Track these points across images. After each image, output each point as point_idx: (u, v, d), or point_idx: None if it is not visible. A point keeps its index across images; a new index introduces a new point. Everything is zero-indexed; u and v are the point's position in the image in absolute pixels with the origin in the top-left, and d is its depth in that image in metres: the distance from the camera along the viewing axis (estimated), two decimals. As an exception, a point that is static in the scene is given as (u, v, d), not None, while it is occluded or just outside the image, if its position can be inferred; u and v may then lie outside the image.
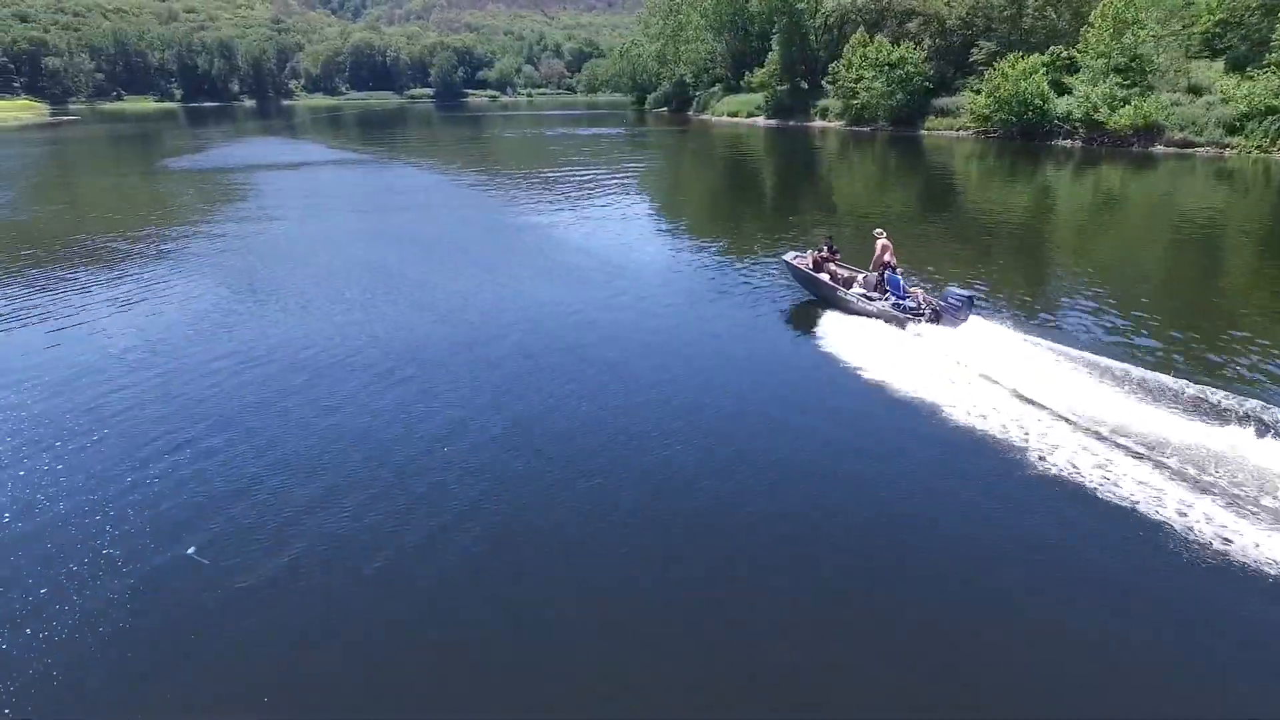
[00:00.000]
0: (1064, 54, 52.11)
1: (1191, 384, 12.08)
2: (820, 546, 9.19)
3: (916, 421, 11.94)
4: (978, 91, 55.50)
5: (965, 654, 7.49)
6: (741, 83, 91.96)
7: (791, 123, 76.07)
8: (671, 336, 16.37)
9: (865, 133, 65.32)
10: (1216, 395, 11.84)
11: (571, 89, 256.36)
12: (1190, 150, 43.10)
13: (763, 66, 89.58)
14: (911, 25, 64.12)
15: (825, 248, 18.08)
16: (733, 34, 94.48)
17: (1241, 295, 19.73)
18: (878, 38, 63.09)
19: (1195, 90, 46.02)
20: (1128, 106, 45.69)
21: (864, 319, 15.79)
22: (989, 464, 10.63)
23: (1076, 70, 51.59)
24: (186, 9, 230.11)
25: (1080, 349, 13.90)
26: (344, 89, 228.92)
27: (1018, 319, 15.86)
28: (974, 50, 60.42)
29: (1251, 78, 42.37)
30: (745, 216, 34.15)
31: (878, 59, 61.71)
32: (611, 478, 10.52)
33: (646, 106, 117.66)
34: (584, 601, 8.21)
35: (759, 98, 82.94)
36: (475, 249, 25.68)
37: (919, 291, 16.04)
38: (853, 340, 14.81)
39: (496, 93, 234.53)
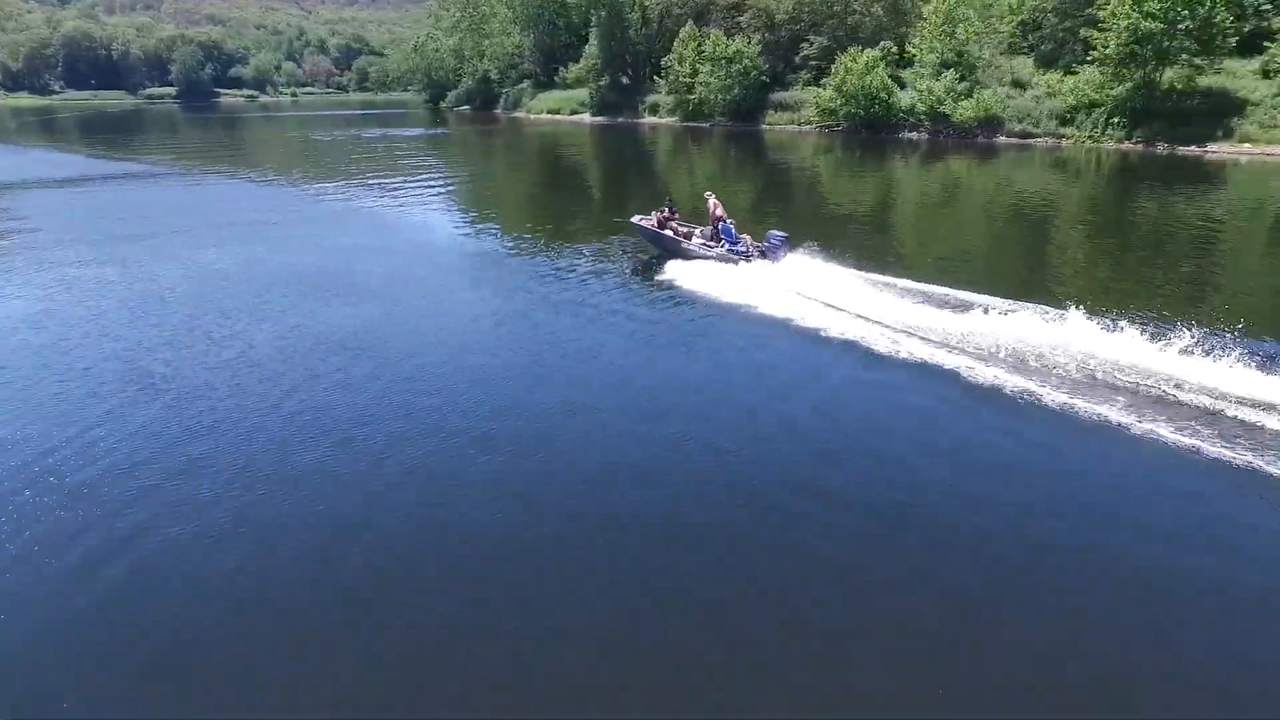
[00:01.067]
0: (893, 49, 53.49)
1: (951, 289, 16.43)
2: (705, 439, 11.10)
3: (758, 330, 15.46)
4: (821, 85, 55.61)
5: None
6: (556, 79, 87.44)
7: (620, 120, 72.83)
8: (556, 302, 17.64)
9: (703, 129, 63.62)
10: (967, 295, 16.05)
11: (342, 88, 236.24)
12: (1030, 141, 45.47)
13: (578, 62, 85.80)
14: (742, 19, 63.36)
15: (667, 209, 20.70)
16: (540, 28, 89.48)
17: (1020, 244, 24.67)
18: (711, 31, 61.58)
19: (1019, 84, 48.84)
20: (969, 100, 47.46)
21: (707, 263, 18.68)
22: (814, 353, 14.29)
23: (909, 65, 53.18)
24: None
25: (881, 274, 17.65)
26: (57, 87, 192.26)
27: (831, 255, 18.66)
28: (804, 45, 60.84)
29: (1075, 73, 45.54)
30: (588, 208, 33.85)
31: (714, 53, 60.12)
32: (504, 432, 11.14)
33: (445, 105, 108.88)
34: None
35: (582, 94, 78.84)
36: (346, 277, 19.81)
37: (747, 237, 19.10)
38: (701, 280, 17.87)
39: (255, 92, 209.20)
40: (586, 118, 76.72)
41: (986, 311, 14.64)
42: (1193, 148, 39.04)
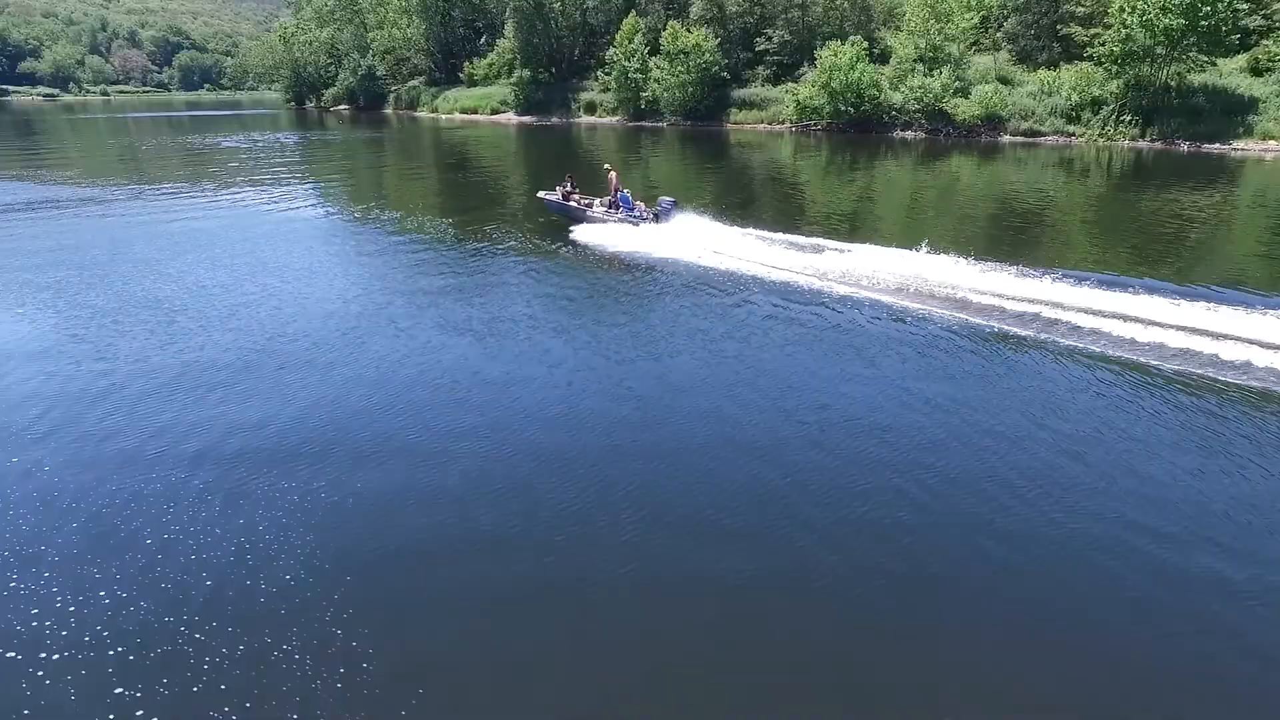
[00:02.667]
0: (864, 44, 50.46)
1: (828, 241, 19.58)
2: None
3: (659, 270, 18.42)
4: (793, 80, 51.66)
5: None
6: (460, 75, 78.50)
7: (554, 119, 65.56)
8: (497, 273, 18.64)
9: (657, 128, 58.06)
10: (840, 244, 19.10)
11: (163, 85, 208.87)
12: (1036, 140, 43.61)
13: (482, 56, 77.58)
14: (692, 9, 58.30)
15: (569, 184, 22.48)
16: (436, 19, 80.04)
17: (1002, 225, 24.50)
18: (671, 22, 56.13)
19: (1005, 81, 47.12)
20: (967, 98, 45.11)
21: (610, 226, 20.74)
22: (699, 285, 17.04)
23: (882, 61, 50.33)
24: None
25: (763, 229, 20.89)
26: None
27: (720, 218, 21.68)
28: (759, 40, 56.76)
29: (1057, 69, 44.33)
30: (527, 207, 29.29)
31: (672, 47, 54.72)
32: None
33: (323, 104, 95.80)
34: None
35: (504, 91, 70.65)
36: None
37: (641, 204, 21.18)
38: (609, 239, 20.27)
39: (55, 90, 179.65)
40: (512, 117, 68.62)
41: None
42: (1216, 145, 38.39)
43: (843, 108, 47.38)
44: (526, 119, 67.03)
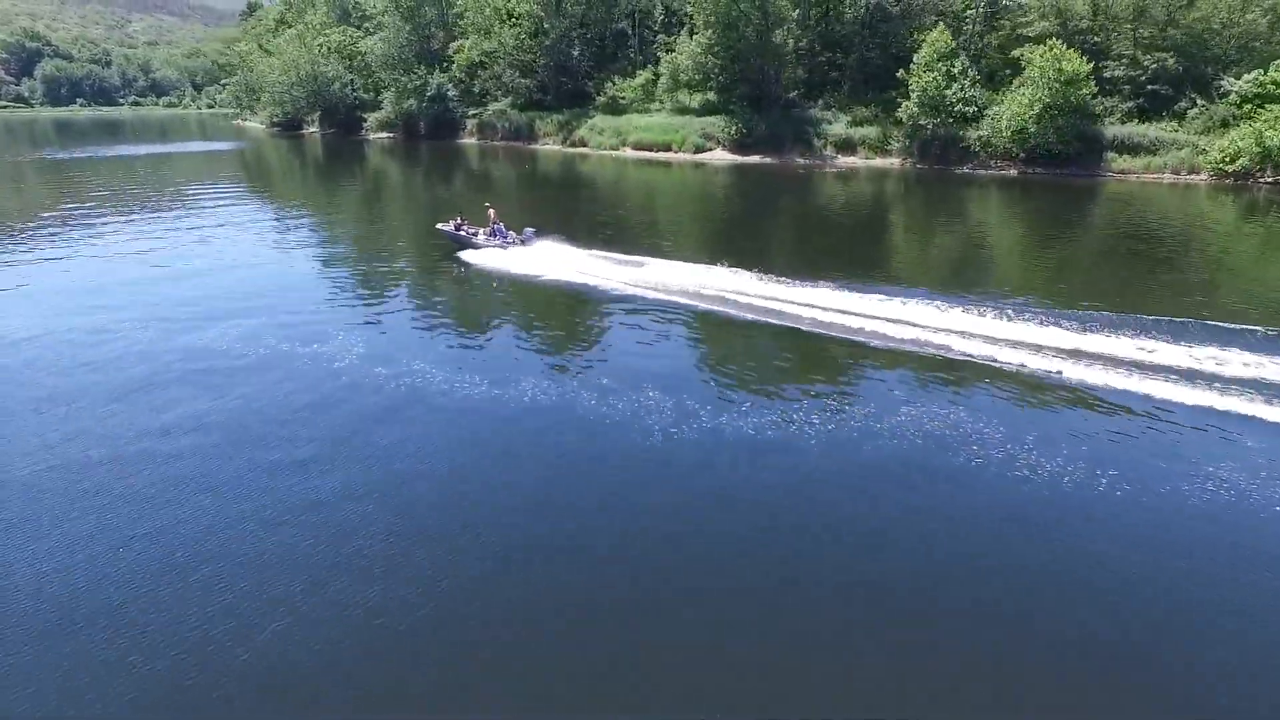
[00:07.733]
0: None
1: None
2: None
3: (529, 286, 21.14)
4: (1174, 116, 37.93)
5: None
6: (600, 96, 58.98)
7: (799, 159, 47.80)
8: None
9: (973, 176, 42.42)
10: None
11: (24, 100, 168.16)
12: None
13: (631, 76, 58.98)
14: (1029, 22, 43.14)
15: (459, 218, 25.36)
16: (556, 25, 60.06)
17: None
18: (1050, 41, 40.61)
19: None
20: None
21: (488, 250, 24.01)
22: (570, 299, 19.82)
23: None
24: None
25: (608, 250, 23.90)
26: None
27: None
28: (1109, 64, 42.54)
29: None
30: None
31: (1044, 73, 39.39)
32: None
33: (365, 131, 71.41)
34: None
35: (707, 121, 51.79)
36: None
37: (513, 232, 24.43)
38: (487, 259, 23.51)
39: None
40: (723, 155, 49.84)
41: None
42: None
43: (1364, 157, 33.97)
44: (751, 159, 48.92)
